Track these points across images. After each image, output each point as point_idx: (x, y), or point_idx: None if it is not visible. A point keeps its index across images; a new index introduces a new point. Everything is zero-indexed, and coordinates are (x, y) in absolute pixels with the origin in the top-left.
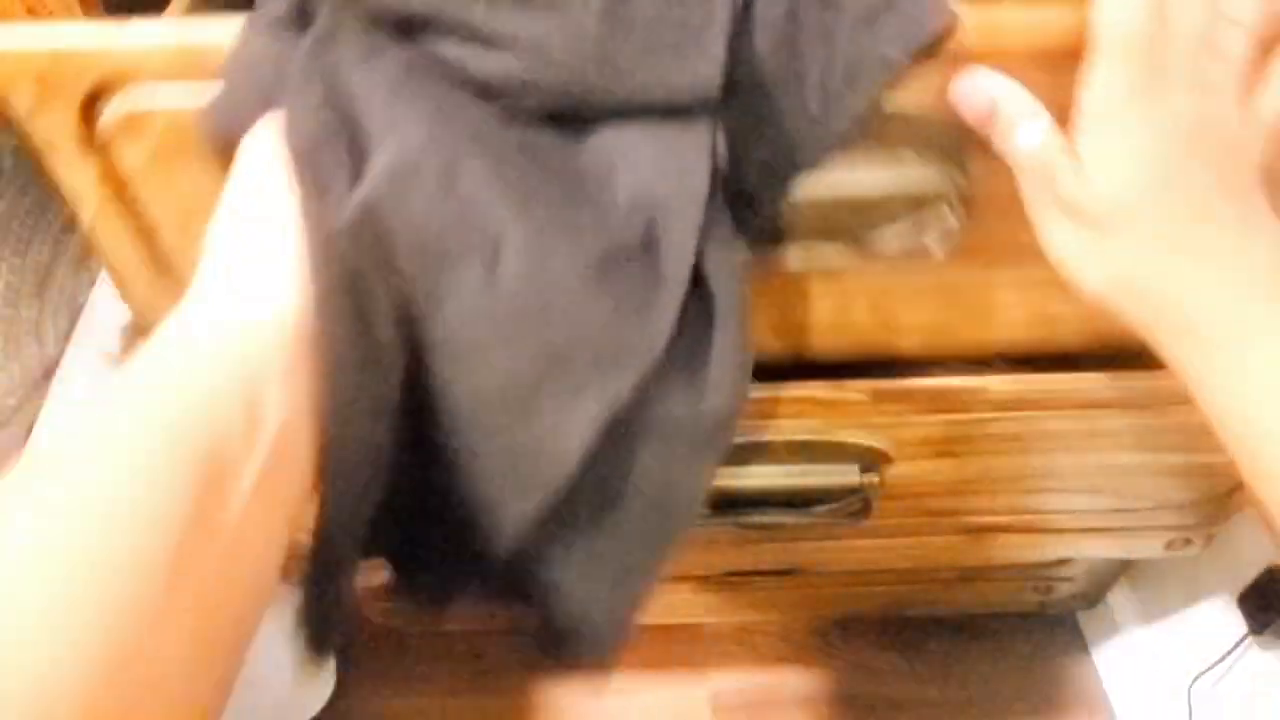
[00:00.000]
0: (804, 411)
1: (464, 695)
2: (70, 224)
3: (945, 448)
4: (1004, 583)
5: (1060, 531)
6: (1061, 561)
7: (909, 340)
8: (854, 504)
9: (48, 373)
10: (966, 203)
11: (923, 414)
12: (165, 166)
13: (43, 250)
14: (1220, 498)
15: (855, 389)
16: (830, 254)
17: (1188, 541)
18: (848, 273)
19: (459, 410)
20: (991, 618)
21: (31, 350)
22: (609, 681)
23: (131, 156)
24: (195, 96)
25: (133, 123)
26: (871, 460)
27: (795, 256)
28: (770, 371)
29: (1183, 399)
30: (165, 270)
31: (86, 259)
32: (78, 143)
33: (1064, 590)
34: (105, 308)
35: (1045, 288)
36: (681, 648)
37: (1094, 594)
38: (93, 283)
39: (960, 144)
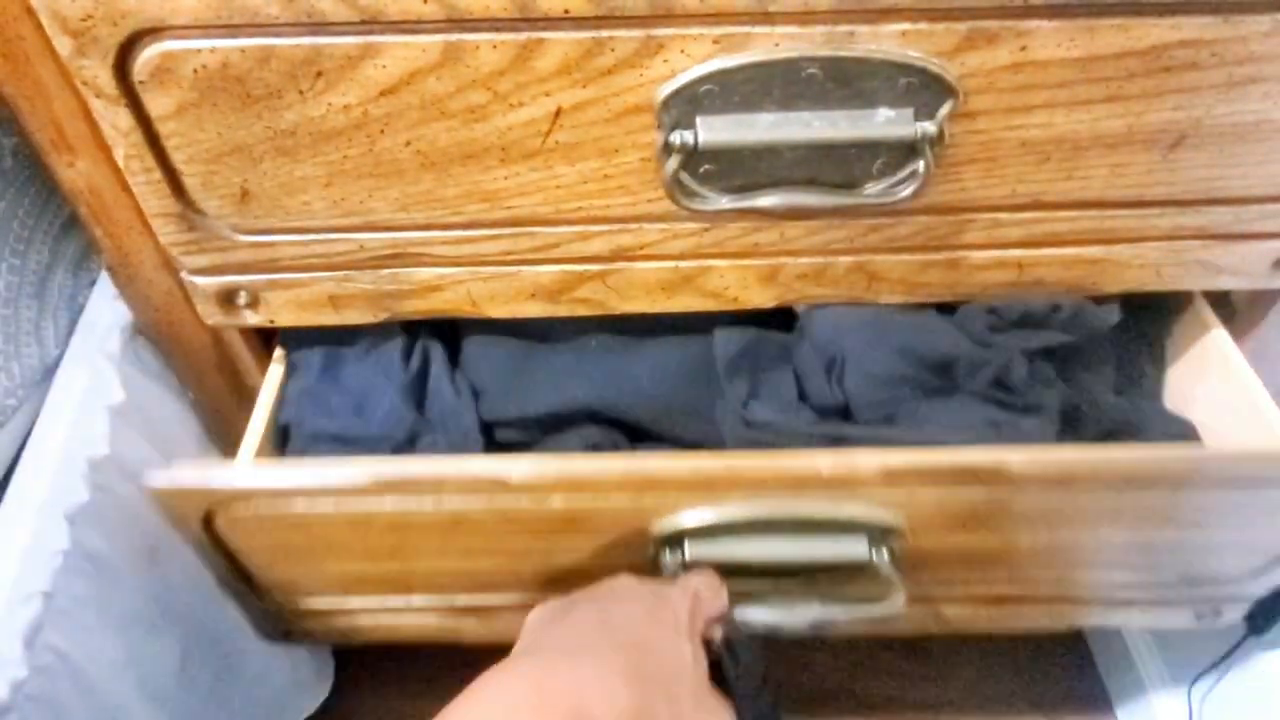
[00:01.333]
0: (807, 487)
1: None
2: (70, 224)
3: (964, 523)
4: None
5: (1086, 603)
6: None
7: (888, 287)
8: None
9: (48, 373)
10: (937, 153)
11: (939, 489)
12: (194, 114)
13: (43, 250)
14: (1255, 571)
15: (865, 464)
16: (809, 199)
17: (1218, 613)
18: (830, 225)
19: None
20: None
21: (31, 350)
22: None
23: (162, 103)
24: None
25: (165, 70)
26: (882, 536)
27: (777, 201)
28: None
29: (1218, 480)
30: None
31: (86, 259)
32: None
33: None
34: (105, 308)
35: (1011, 230)
36: None
37: None
38: (93, 283)
39: (932, 95)
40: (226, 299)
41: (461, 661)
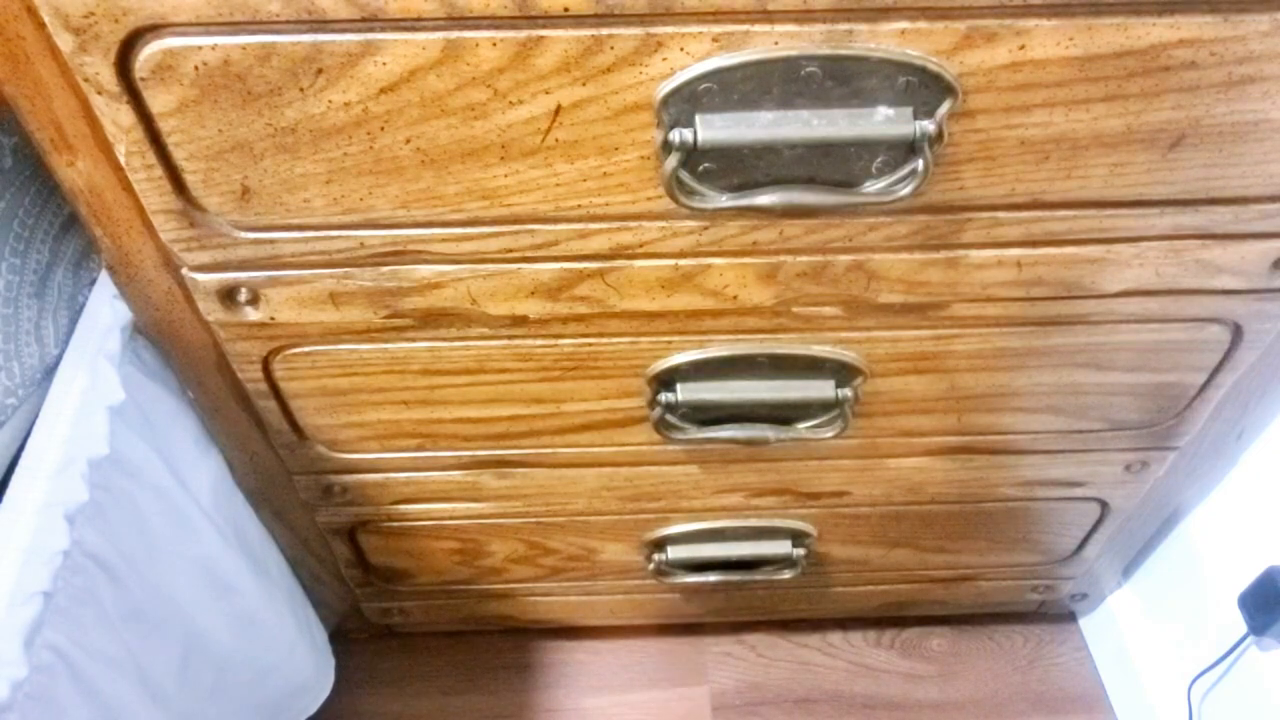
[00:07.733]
0: (781, 327)
1: (463, 695)
2: (70, 223)
3: (914, 364)
4: (1004, 582)
5: (1023, 453)
6: (1062, 560)
7: (887, 287)
8: (831, 418)
9: (48, 372)
10: (936, 151)
11: (892, 329)
12: (195, 111)
13: (43, 250)
14: (1173, 419)
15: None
16: (808, 198)
17: (1145, 464)
18: (829, 224)
19: None
20: (991, 618)
21: (31, 350)
22: (609, 682)
23: (164, 100)
24: (226, 43)
25: (166, 67)
26: (846, 375)
27: (776, 200)
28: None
29: (1133, 318)
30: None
31: (86, 259)
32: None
33: (1064, 590)
34: (105, 307)
35: (1010, 229)
36: (681, 648)
37: (1094, 594)
38: (93, 282)
39: (931, 94)
40: (227, 296)
41: (461, 663)
